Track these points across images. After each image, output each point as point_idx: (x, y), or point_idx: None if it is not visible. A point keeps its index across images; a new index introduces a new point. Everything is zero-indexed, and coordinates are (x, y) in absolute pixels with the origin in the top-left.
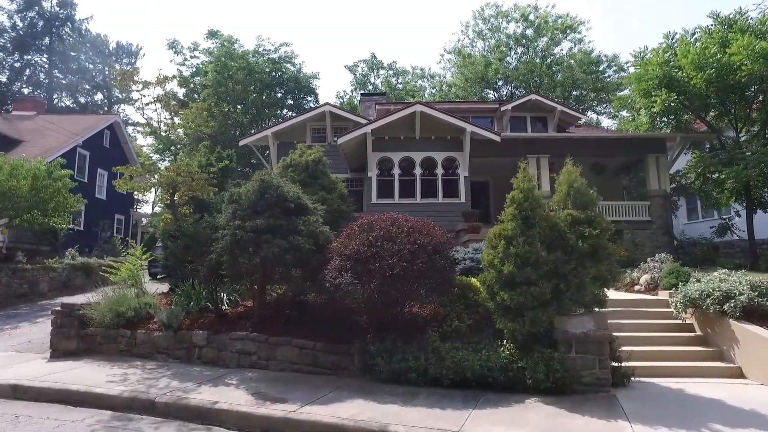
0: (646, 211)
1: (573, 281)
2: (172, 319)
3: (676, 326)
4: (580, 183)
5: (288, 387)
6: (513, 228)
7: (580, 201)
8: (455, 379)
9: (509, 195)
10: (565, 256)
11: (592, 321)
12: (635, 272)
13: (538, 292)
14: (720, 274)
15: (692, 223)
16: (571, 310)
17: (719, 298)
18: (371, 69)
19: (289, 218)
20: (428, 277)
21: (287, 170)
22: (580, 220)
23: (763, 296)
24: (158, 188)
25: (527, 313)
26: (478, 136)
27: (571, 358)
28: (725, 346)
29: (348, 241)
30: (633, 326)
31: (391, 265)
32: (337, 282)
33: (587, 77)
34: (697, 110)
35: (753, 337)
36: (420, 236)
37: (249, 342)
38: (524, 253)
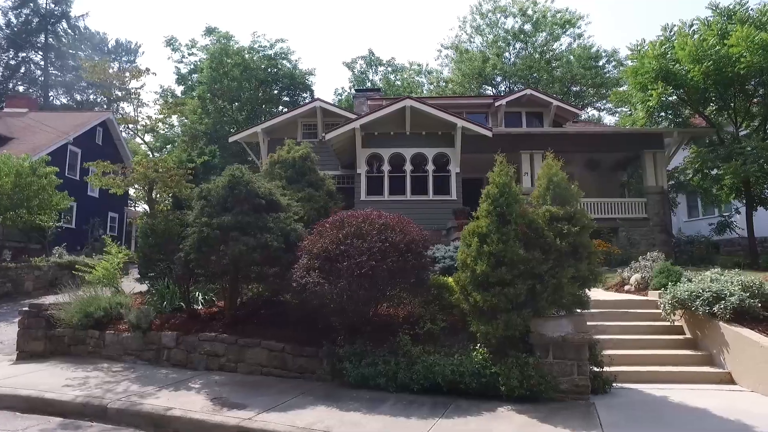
0: (643, 208)
1: (550, 282)
2: (141, 319)
3: (664, 329)
4: (560, 177)
5: (252, 391)
6: (487, 225)
7: (560, 196)
8: (426, 385)
9: (484, 190)
10: (542, 255)
11: (570, 324)
12: (626, 271)
13: (512, 293)
14: (712, 274)
15: (693, 220)
16: (548, 313)
17: (709, 299)
18: (369, 65)
19: (260, 215)
20: (400, 277)
21: (274, 167)
22: (559, 217)
23: (755, 297)
24: (135, 185)
25: (501, 315)
26: (469, 131)
27: (547, 364)
28: (715, 350)
29: (318, 238)
30: (619, 329)
31: (360, 263)
32: (304, 281)
33: (586, 72)
34: (696, 104)
35: (743, 341)
36: (392, 234)
37: (218, 344)
38: (498, 251)
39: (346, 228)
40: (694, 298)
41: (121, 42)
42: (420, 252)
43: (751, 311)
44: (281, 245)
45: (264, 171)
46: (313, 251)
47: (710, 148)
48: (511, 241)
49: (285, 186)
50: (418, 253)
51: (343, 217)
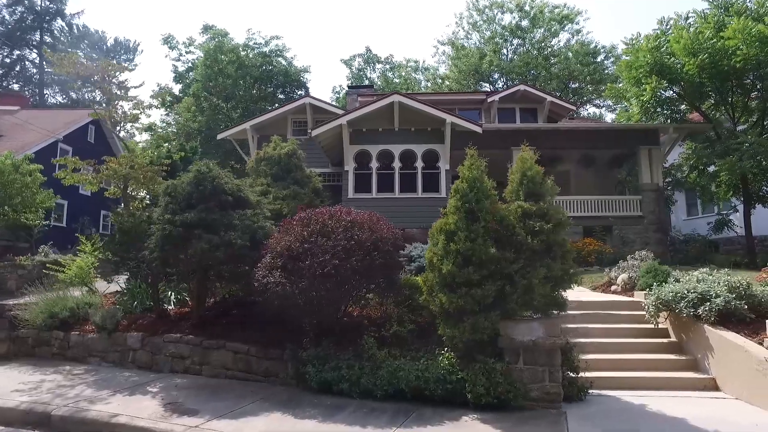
0: (638, 206)
1: (520, 282)
2: (107, 320)
3: (648, 332)
4: (534, 171)
5: (211, 396)
6: (455, 222)
7: (534, 191)
8: (390, 391)
9: (453, 185)
10: (513, 254)
11: (541, 327)
12: (613, 271)
13: (480, 294)
14: (700, 274)
15: (692, 219)
16: (518, 315)
17: (694, 300)
18: (367, 63)
19: (226, 212)
20: (366, 277)
21: (260, 164)
22: (531, 213)
23: (741, 299)
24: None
25: (468, 318)
26: (459, 127)
27: (517, 370)
28: (699, 354)
29: (282, 236)
30: (601, 331)
31: (322, 263)
32: (265, 281)
33: (584, 69)
34: (692, 100)
35: (728, 345)
36: (359, 231)
37: (182, 345)
38: (466, 250)
39: (312, 225)
40: (678, 300)
41: (120, 40)
42: (388, 251)
43: (738, 313)
44: (246, 243)
45: (250, 168)
46: (277, 249)
47: (706, 144)
48: (480, 239)
49: (270, 183)
50: (387, 251)
51: (309, 214)
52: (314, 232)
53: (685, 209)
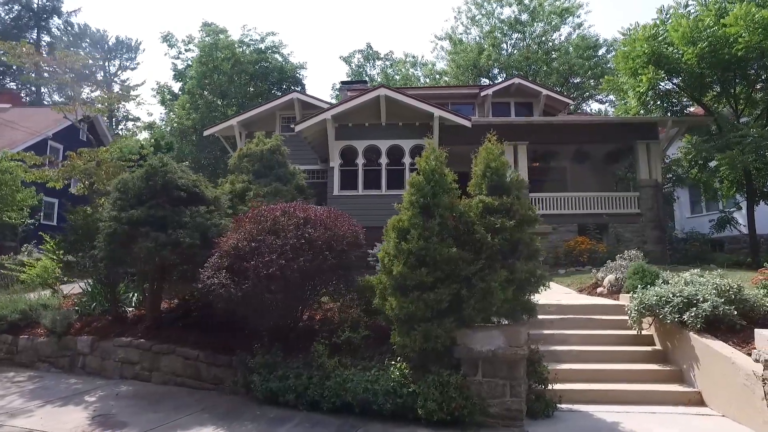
0: (635, 203)
1: (478, 286)
2: (57, 323)
3: (632, 339)
4: (498, 163)
5: (149, 407)
6: (409, 218)
7: (498, 185)
8: (337, 404)
9: (409, 178)
10: (472, 254)
11: (501, 336)
12: (601, 272)
13: (432, 299)
14: (690, 275)
15: (696, 217)
16: (475, 322)
17: (679, 305)
18: (367, 59)
19: (177, 209)
20: (317, 278)
21: (242, 160)
22: (493, 209)
23: (731, 303)
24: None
25: (419, 325)
26: (448, 121)
27: (476, 383)
28: (685, 365)
29: (232, 234)
30: (580, 338)
31: (267, 263)
32: (209, 283)
33: (584, 63)
34: (693, 92)
35: (714, 356)
36: (312, 229)
37: (132, 350)
38: (418, 249)
39: (262, 222)
40: (662, 304)
41: (121, 39)
42: (343, 250)
43: (727, 320)
44: (196, 242)
45: (232, 165)
46: (224, 249)
47: (706, 138)
48: (435, 237)
49: (251, 180)
50: (341, 251)
51: (263, 210)
52: (264, 230)
53: (689, 207)
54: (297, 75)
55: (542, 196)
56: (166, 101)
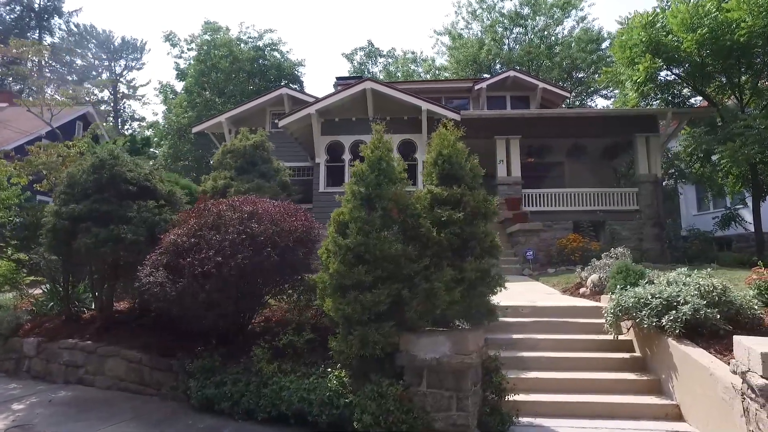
0: (634, 198)
1: (421, 286)
2: (2, 324)
3: (610, 344)
4: (451, 150)
5: (78, 415)
6: (349, 211)
7: (451, 174)
8: (273, 414)
9: (353, 168)
10: (418, 250)
11: (447, 342)
12: (585, 271)
13: (369, 300)
14: (677, 275)
15: (703, 214)
16: (419, 326)
17: (658, 308)
18: (369, 57)
19: (125, 203)
20: (259, 276)
21: (225, 156)
22: (441, 200)
23: (714, 306)
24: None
25: (356, 328)
26: (437, 115)
27: (420, 394)
28: (663, 374)
29: (174, 229)
30: (553, 343)
31: (202, 260)
32: (145, 281)
33: (587, 56)
34: (695, 82)
35: (692, 365)
36: (257, 224)
37: (78, 352)
38: (357, 245)
39: (206, 217)
40: (641, 307)
41: (127, 40)
42: (288, 246)
43: (709, 324)
44: (139, 238)
45: (215, 161)
46: (163, 244)
47: (706, 129)
48: (375, 232)
49: (233, 177)
50: (287, 248)
51: (209, 204)
52: (205, 225)
53: (696, 204)
54: (296, 72)
55: (536, 192)
56: (169, 100)
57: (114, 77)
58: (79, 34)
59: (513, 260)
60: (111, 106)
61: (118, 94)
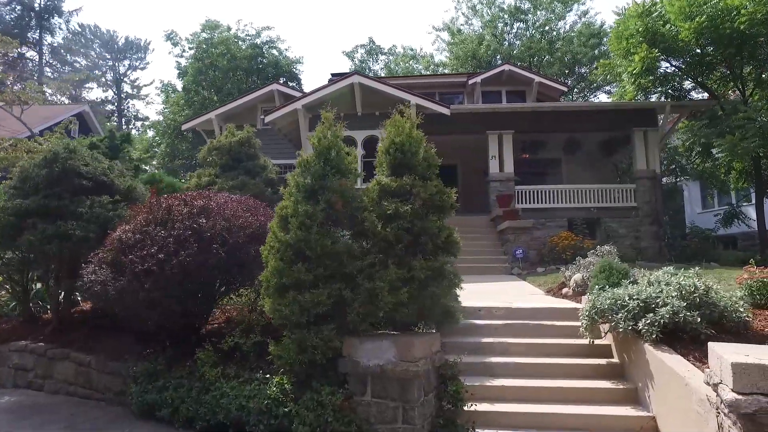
0: (631, 195)
1: (363, 286)
2: None
3: (587, 349)
4: (404, 137)
5: (12, 422)
6: (292, 204)
7: (403, 163)
8: (212, 422)
9: (298, 158)
10: (361, 246)
11: (393, 348)
12: (569, 270)
13: (308, 300)
14: (663, 273)
15: (707, 212)
16: (363, 330)
17: (635, 310)
18: (369, 54)
19: (78, 198)
20: (204, 275)
21: (211, 153)
22: (390, 192)
23: (695, 309)
24: None
25: (295, 332)
26: (426, 110)
27: (364, 404)
28: (640, 382)
29: (123, 225)
30: (525, 348)
31: (143, 257)
32: (86, 279)
33: (588, 51)
34: (694, 73)
35: (669, 374)
36: (206, 219)
37: (27, 355)
38: (296, 240)
39: (155, 211)
40: (617, 309)
41: (131, 40)
42: (238, 243)
43: (689, 328)
44: (88, 234)
45: (201, 158)
46: (108, 241)
47: (705, 122)
48: (317, 226)
49: (218, 174)
50: (236, 245)
51: (161, 198)
52: (153, 220)
53: (700, 202)
54: (293, 70)
55: (529, 189)
56: (169, 99)
57: (118, 77)
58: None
59: (502, 259)
60: (115, 106)
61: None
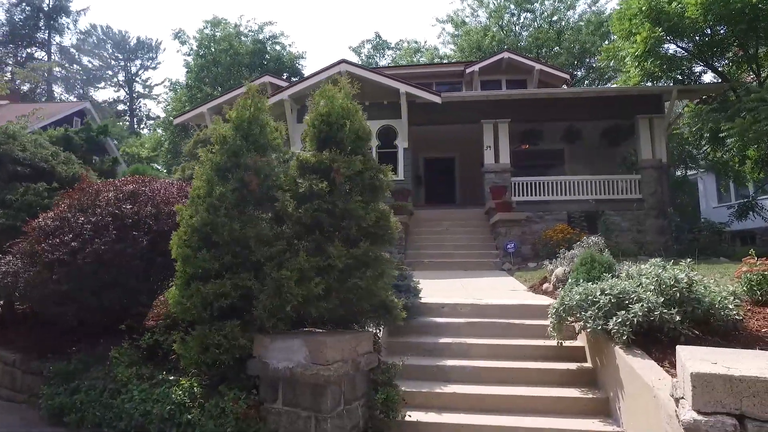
0: (636, 186)
1: (271, 275)
2: None
3: (558, 352)
4: (331, 107)
5: None
6: (204, 185)
7: (329, 137)
8: (119, 428)
9: (214, 135)
10: (276, 230)
11: (304, 348)
12: (552, 264)
13: (210, 292)
14: (648, 267)
15: (723, 206)
16: (270, 327)
17: (606, 307)
18: (376, 49)
19: (12, 185)
20: (120, 265)
21: (197, 146)
22: (310, 168)
23: (674, 305)
24: None
25: (197, 328)
26: (418, 98)
27: (274, 413)
28: (612, 391)
29: (47, 212)
30: (487, 350)
31: (55, 245)
32: None
33: (597, 40)
34: (703, 54)
35: (638, 383)
36: (131, 205)
37: None
38: (202, 224)
39: (82, 197)
40: (587, 306)
41: (142, 40)
42: (164, 231)
43: (668, 329)
44: (17, 223)
45: (186, 152)
46: (29, 229)
47: (714, 105)
48: (225, 208)
49: None
50: (161, 232)
51: (93, 183)
52: (75, 206)
53: (716, 195)
54: (296, 65)
55: (526, 181)
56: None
57: (130, 77)
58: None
59: (493, 254)
60: (127, 106)
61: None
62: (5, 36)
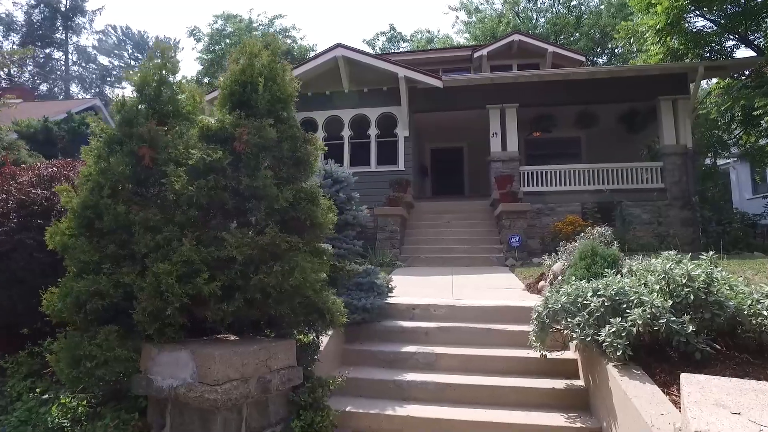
0: (658, 175)
1: (152, 269)
2: None
3: (544, 365)
4: (246, 64)
5: None
6: (92, 162)
7: (246, 100)
8: None
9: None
10: (167, 213)
11: (191, 363)
12: (551, 259)
13: (82, 290)
14: (657, 261)
15: (759, 197)
16: (154, 335)
17: (598, 312)
18: (390, 42)
19: None
20: (24, 258)
21: None
22: (211, 135)
23: (687, 309)
24: None
25: (68, 335)
26: (419, 84)
27: None
28: (605, 421)
29: None
30: (458, 362)
31: None
32: None
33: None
34: (735, 26)
35: (634, 414)
36: (43, 189)
37: None
38: (84, 207)
39: None
40: (575, 310)
41: (161, 39)
42: None
43: (678, 342)
44: None
45: None
46: None
47: (746, 81)
48: (110, 188)
49: None
50: None
51: (12, 167)
52: None
53: (750, 186)
54: (307, 57)
55: (535, 170)
56: None
57: None
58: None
59: (497, 248)
60: None
61: None
62: (24, 37)
